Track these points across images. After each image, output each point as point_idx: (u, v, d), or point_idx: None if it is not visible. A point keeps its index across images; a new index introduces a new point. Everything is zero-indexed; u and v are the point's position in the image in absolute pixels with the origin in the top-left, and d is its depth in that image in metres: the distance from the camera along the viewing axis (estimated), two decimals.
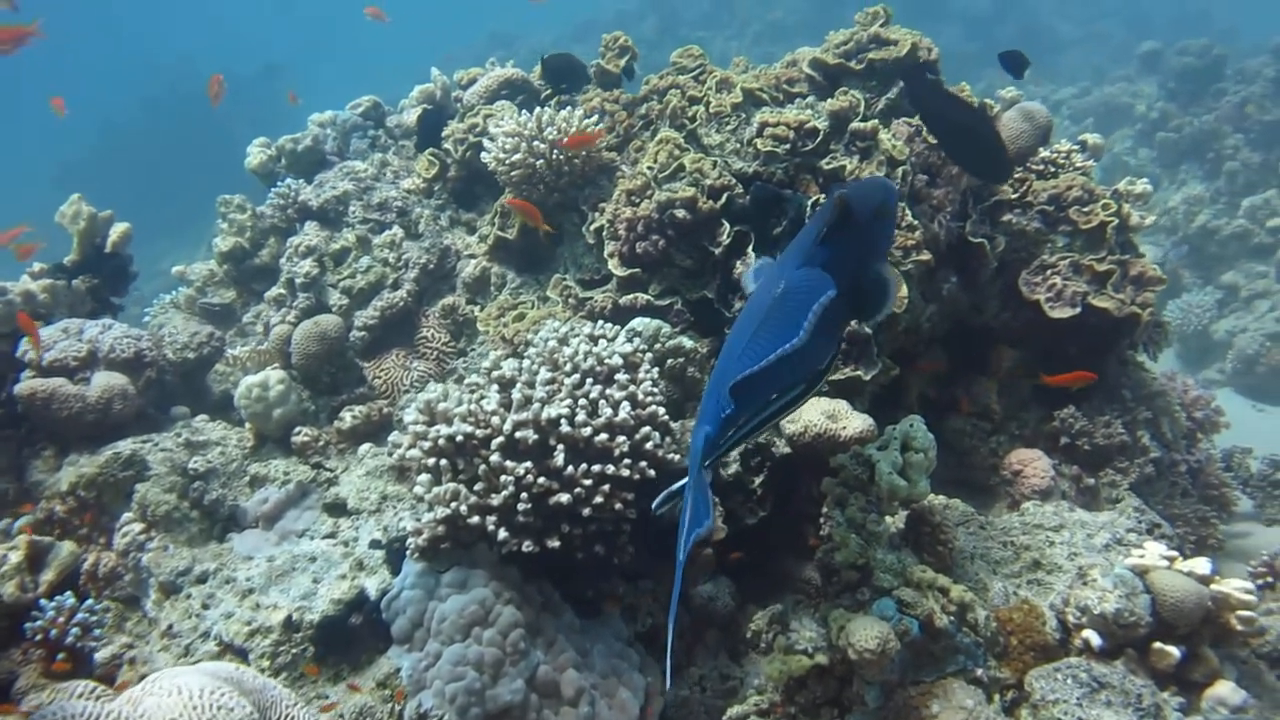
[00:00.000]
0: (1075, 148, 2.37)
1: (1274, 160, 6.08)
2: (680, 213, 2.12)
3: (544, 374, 1.82)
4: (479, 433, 1.74)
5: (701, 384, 2.11)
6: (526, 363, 1.86)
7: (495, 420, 1.75)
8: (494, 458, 1.70)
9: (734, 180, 2.14)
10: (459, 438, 1.73)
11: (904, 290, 2.00)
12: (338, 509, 2.03)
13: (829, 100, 2.15)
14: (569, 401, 1.76)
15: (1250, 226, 5.81)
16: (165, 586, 1.86)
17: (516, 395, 1.76)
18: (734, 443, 1.43)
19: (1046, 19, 11.51)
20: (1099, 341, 2.19)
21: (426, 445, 1.75)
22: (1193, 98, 7.16)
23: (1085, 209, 2.23)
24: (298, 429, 2.21)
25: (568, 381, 1.80)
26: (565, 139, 2.29)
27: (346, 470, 2.13)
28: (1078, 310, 2.08)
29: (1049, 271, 2.18)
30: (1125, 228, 2.31)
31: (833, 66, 2.35)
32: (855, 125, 2.11)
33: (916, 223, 2.08)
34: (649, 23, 12.14)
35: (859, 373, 1.97)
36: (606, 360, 1.86)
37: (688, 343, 2.10)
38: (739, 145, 2.21)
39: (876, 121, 2.10)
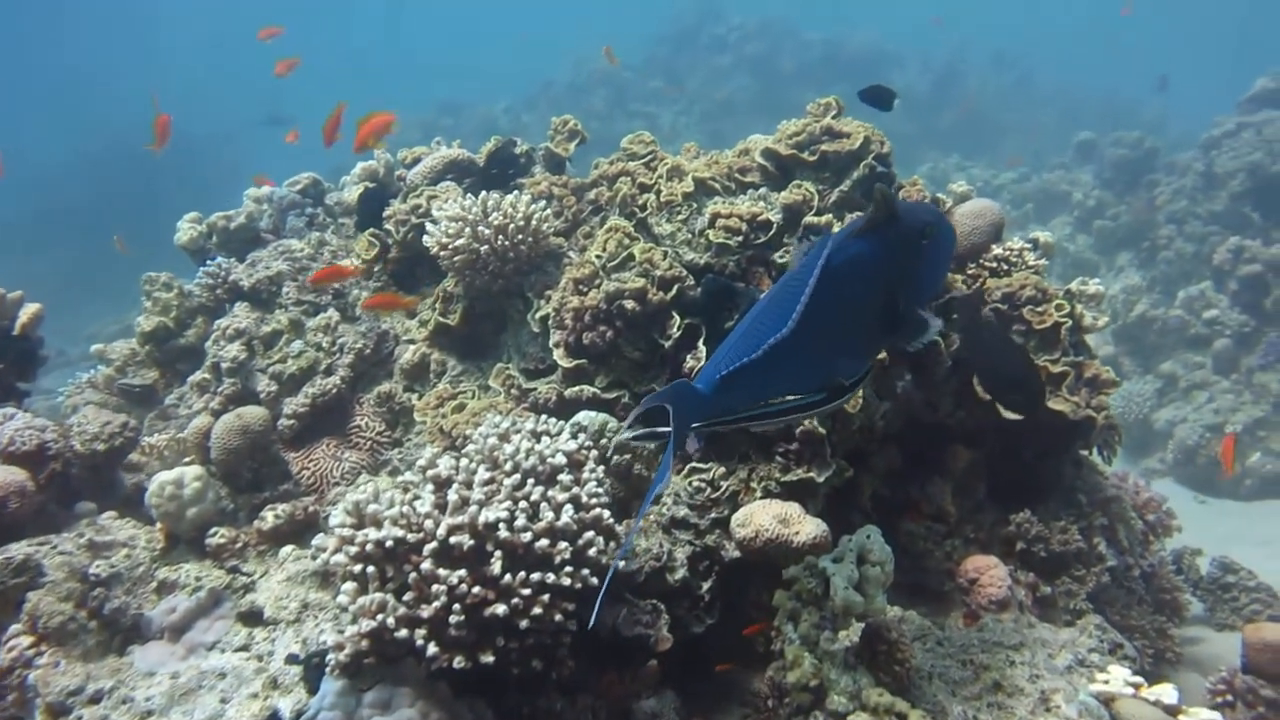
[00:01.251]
0: (1028, 246, 2.41)
1: (1206, 252, 6.34)
2: (629, 303, 2.09)
3: (483, 473, 1.76)
4: (410, 537, 1.66)
5: (648, 481, 2.07)
6: (465, 461, 1.79)
7: (429, 524, 1.67)
8: (426, 565, 1.62)
9: (685, 271, 2.13)
10: (389, 542, 1.65)
11: (859, 392, 1.99)
12: (253, 618, 1.91)
13: (782, 193, 2.16)
14: (508, 504, 1.69)
15: (1187, 317, 6.01)
16: (53, 708, 1.72)
17: (452, 496, 1.69)
18: (731, 422, 1.40)
19: (985, 105, 12.03)
20: (1054, 443, 2.20)
21: (353, 550, 1.66)
22: (1127, 187, 7.46)
23: (1039, 309, 2.25)
24: (214, 530, 2.09)
25: (508, 482, 1.73)
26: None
27: (265, 575, 2.02)
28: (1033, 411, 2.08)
29: None
30: (1079, 328, 2.34)
31: (785, 157, 2.38)
32: (809, 219, 2.12)
33: None
34: (599, 95, 12.39)
35: (812, 474, 1.94)
36: (549, 459, 1.80)
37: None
38: (690, 236, 2.21)
39: (830, 216, 2.12)
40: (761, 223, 2.13)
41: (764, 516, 1.85)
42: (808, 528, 1.81)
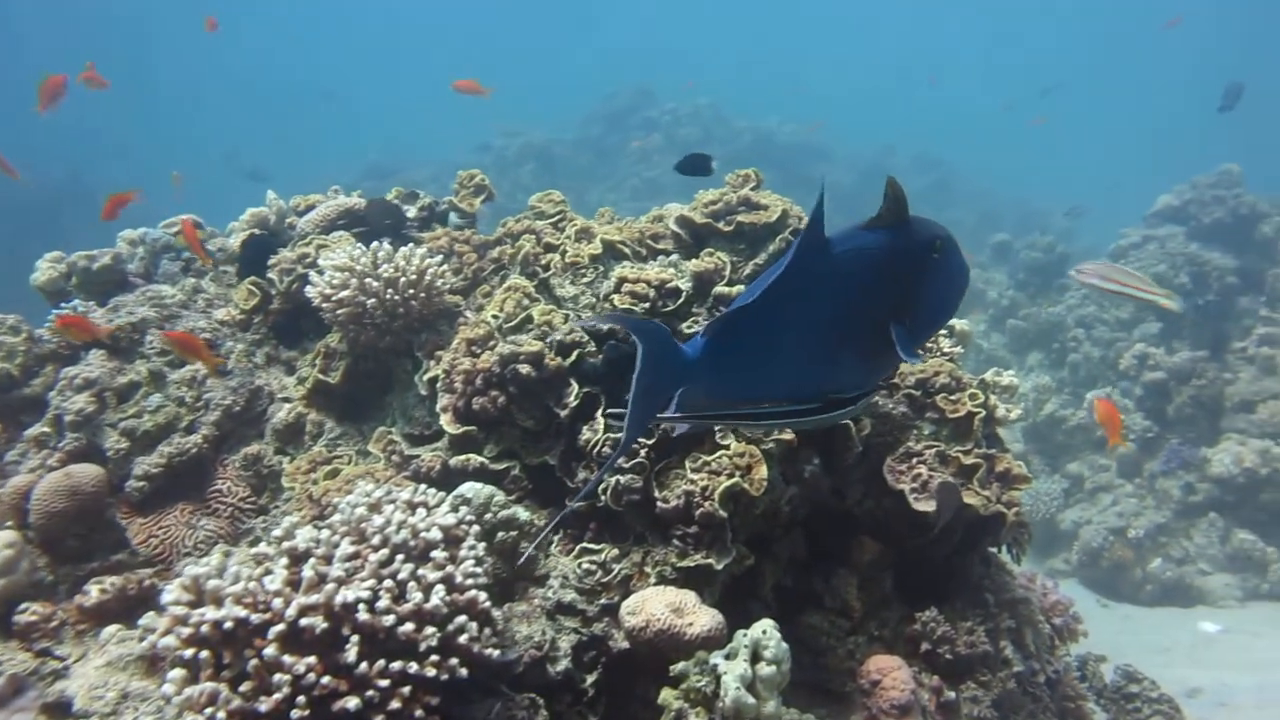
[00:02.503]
0: (944, 332, 2.41)
1: (1112, 357, 6.58)
2: (525, 368, 1.99)
3: (346, 547, 1.61)
4: (255, 618, 1.49)
5: (535, 562, 1.95)
6: (326, 533, 1.64)
7: (277, 603, 1.51)
8: (269, 650, 1.45)
9: (586, 337, 2.04)
10: (228, 624, 1.48)
11: (763, 471, 1.92)
12: (61, 710, 1.69)
13: (693, 260, 2.11)
14: (372, 582, 1.55)
15: (1094, 420, 6.20)
16: None
17: (307, 573, 1.53)
18: (714, 418, 1.27)
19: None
20: (964, 539, 2.15)
21: (186, 632, 1.48)
22: (1039, 290, 7.77)
23: (953, 397, 2.23)
24: (24, 605, 1.87)
25: (374, 557, 1.59)
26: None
27: (82, 659, 1.80)
28: None
29: (915, 460, 2.14)
30: (992, 420, 2.33)
31: (700, 226, 2.34)
32: (720, 289, 2.07)
33: None
34: (528, 169, 12.49)
35: (710, 560, 1.84)
36: (424, 533, 1.67)
37: (523, 514, 1.94)
38: (595, 300, 2.13)
39: (743, 287, 2.07)
40: (670, 290, 2.07)
41: (657, 604, 1.74)
42: (703, 619, 1.71)
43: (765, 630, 1.54)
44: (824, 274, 1.18)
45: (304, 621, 1.49)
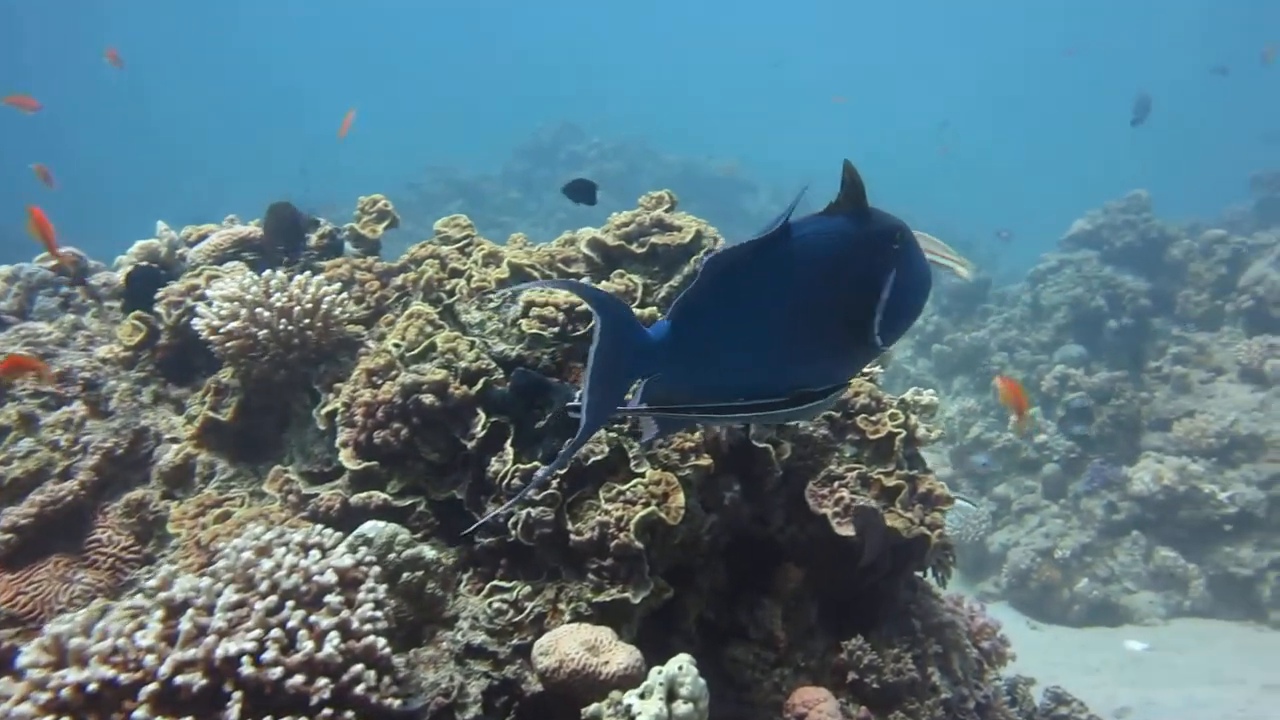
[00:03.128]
0: None
1: (1035, 379, 6.73)
2: (428, 398, 1.91)
3: (230, 595, 1.50)
4: (124, 678, 1.37)
5: (444, 602, 1.86)
6: (208, 581, 1.53)
7: (149, 660, 1.39)
8: (139, 713, 1.33)
9: (493, 364, 1.97)
10: (93, 686, 1.35)
11: (680, 499, 1.86)
12: None
13: (604, 283, 2.06)
14: (258, 632, 1.44)
15: (1019, 441, 6.31)
16: None
17: (185, 625, 1.42)
18: (678, 414, 1.17)
19: None
20: (889, 563, 2.12)
21: (44, 698, 1.36)
22: (963, 315, 7.93)
23: (873, 418, 2.21)
24: None
25: (260, 606, 1.48)
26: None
27: None
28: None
29: (837, 484, 2.11)
30: (913, 440, 2.31)
31: (613, 248, 2.30)
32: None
33: None
34: (455, 205, 12.42)
35: (627, 594, 1.77)
36: (317, 576, 1.56)
37: (429, 553, 1.85)
38: (502, 325, 2.06)
39: (655, 309, 2.02)
40: (581, 313, 2.01)
41: (571, 643, 1.66)
42: (619, 656, 1.63)
43: (681, 666, 1.47)
44: (786, 255, 1.14)
45: (180, 679, 1.37)
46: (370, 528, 1.82)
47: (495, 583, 1.86)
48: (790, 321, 1.16)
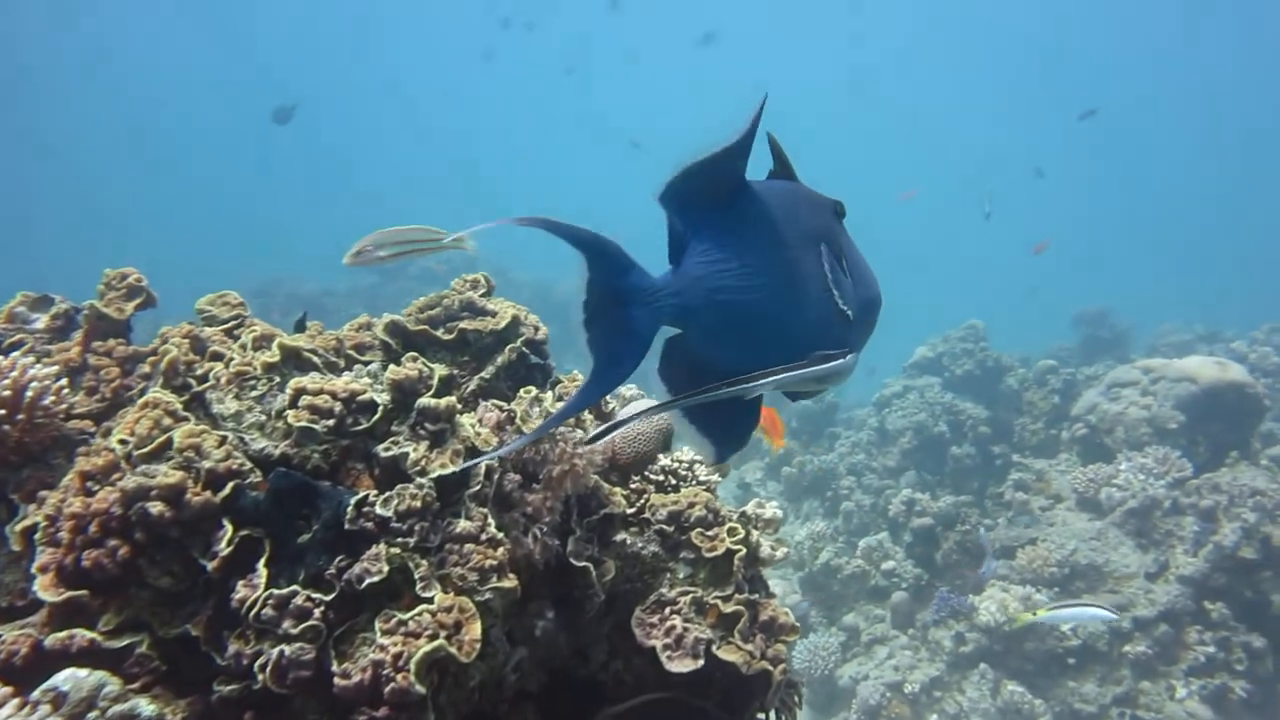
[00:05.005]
0: (699, 458, 2.17)
1: (882, 504, 6.73)
2: (158, 507, 1.54)
3: None
4: None
5: None
6: None
7: None
8: None
9: (249, 464, 1.62)
10: None
11: (476, 630, 1.55)
12: None
13: (391, 368, 1.76)
14: None
15: (867, 568, 6.23)
16: None
17: None
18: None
19: None
20: (727, 704, 1.84)
21: None
22: (812, 437, 7.99)
23: (710, 533, 1.97)
24: None
25: None
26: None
27: None
28: (700, 663, 1.72)
29: (668, 610, 1.84)
30: (755, 559, 2.08)
31: (415, 333, 2.03)
32: (425, 401, 1.72)
33: (500, 536, 1.67)
34: (295, 318, 11.88)
35: None
36: None
37: (148, 708, 1.46)
38: (265, 418, 1.72)
39: (453, 399, 1.73)
40: (363, 404, 1.70)
41: None
42: None
43: None
44: (759, 193, 1.09)
45: None
46: (66, 678, 1.42)
47: None
48: (785, 255, 1.09)
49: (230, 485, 1.59)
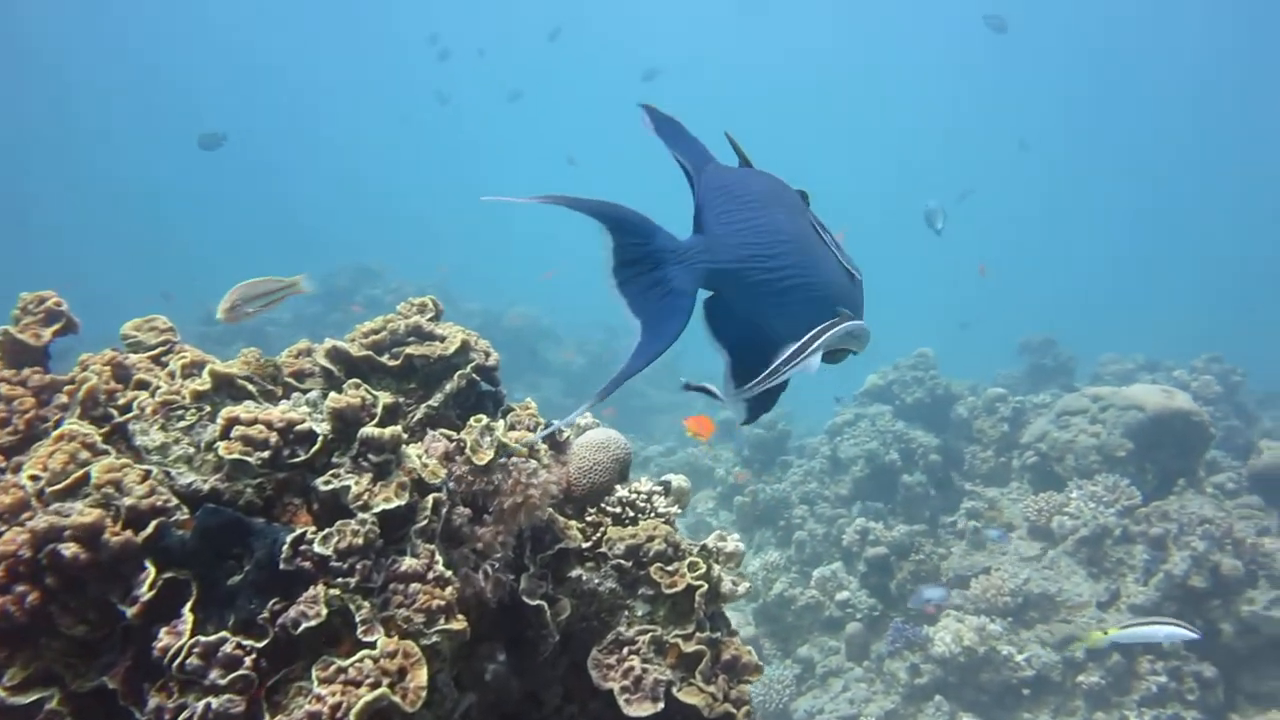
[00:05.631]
0: (658, 489, 2.09)
1: (835, 534, 6.70)
2: (72, 548, 1.41)
3: None
4: None
5: None
6: None
7: None
8: None
9: (175, 500, 1.50)
10: None
11: (422, 676, 1.44)
12: None
13: (331, 395, 1.66)
14: None
15: (821, 598, 6.18)
16: None
17: None
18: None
19: (639, 385, 12.77)
20: None
21: None
22: (764, 466, 7.95)
23: (669, 568, 1.89)
24: None
25: None
26: None
27: None
28: (660, 706, 1.64)
29: (627, 650, 1.75)
30: (716, 595, 1.99)
31: (358, 359, 1.92)
32: (368, 431, 1.61)
33: (449, 574, 1.57)
34: (237, 347, 11.57)
35: None
36: None
37: None
38: (194, 450, 1.60)
39: (398, 429, 1.63)
40: (301, 434, 1.59)
41: None
42: None
43: None
44: (758, 174, 1.14)
45: None
46: None
47: None
48: (795, 220, 1.12)
49: (154, 524, 1.47)
